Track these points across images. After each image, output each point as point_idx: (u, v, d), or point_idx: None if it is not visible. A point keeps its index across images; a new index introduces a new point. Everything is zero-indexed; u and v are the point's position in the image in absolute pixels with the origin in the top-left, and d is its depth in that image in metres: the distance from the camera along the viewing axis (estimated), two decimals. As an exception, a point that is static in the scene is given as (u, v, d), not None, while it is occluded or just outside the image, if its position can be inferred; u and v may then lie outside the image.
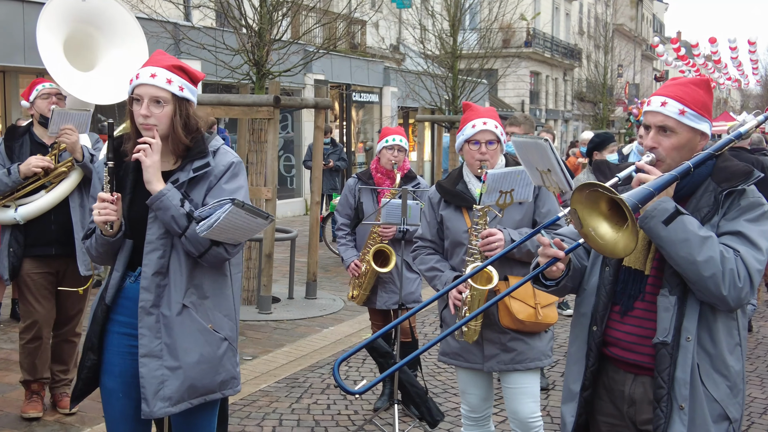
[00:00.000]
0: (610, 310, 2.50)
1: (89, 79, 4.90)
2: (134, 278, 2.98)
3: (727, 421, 2.26)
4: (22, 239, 4.92)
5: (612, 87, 36.92)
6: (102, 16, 4.99)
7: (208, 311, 3.01)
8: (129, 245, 2.94)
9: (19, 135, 4.89)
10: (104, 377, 3.06)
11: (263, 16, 9.31)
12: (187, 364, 2.94)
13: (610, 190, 2.07)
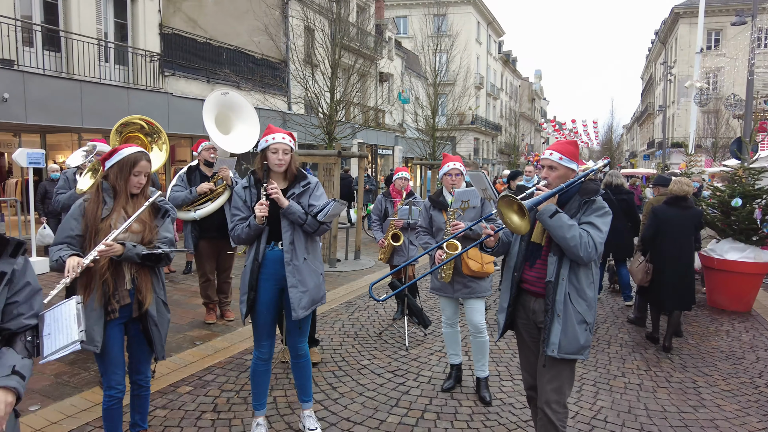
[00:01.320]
0: (524, 264, 2.83)
1: (228, 139, 5.29)
2: (272, 247, 3.25)
3: (585, 324, 2.63)
4: (197, 229, 5.47)
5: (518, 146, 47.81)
6: (234, 105, 5.43)
7: (313, 261, 3.31)
8: (267, 230, 3.23)
9: (193, 170, 5.30)
10: (258, 304, 3.27)
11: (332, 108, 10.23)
12: (309, 289, 3.25)
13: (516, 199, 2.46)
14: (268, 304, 3.24)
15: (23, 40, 11.64)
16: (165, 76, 14.59)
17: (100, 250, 2.57)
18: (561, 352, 2.60)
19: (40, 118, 10.68)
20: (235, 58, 17.03)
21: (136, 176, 2.86)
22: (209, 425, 3.58)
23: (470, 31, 41.12)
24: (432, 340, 5.42)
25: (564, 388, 2.71)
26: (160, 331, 2.94)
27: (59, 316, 2.13)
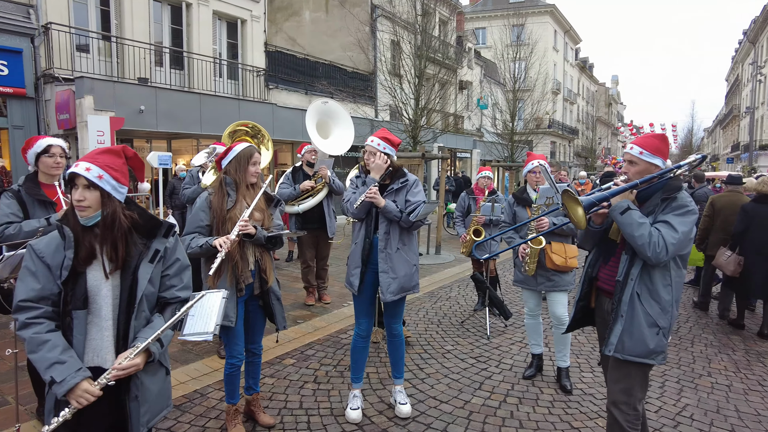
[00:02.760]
0: (598, 261, 2.64)
1: (327, 143, 5.37)
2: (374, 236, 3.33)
3: (656, 327, 2.35)
4: (300, 221, 5.58)
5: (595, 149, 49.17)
6: (332, 112, 5.55)
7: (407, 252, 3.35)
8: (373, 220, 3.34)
9: (297, 170, 5.53)
10: (361, 285, 3.34)
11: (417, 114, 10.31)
12: (399, 277, 3.28)
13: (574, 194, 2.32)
14: (369, 285, 3.34)
15: (155, 61, 12.75)
16: (269, 89, 15.35)
17: (241, 225, 2.78)
18: (624, 353, 2.37)
19: (167, 126, 11.63)
20: (329, 72, 17.57)
21: (253, 166, 3.05)
22: (311, 394, 3.76)
23: (548, 39, 39.62)
24: (512, 331, 5.31)
25: (634, 390, 2.43)
26: (281, 304, 3.14)
27: (205, 302, 2.32)
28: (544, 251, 3.87)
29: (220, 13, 14.35)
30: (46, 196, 3.09)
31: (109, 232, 1.85)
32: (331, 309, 5.88)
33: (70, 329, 1.81)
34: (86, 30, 11.57)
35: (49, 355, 1.72)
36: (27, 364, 3.29)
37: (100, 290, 1.86)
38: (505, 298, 6.50)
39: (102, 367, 1.85)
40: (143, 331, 1.91)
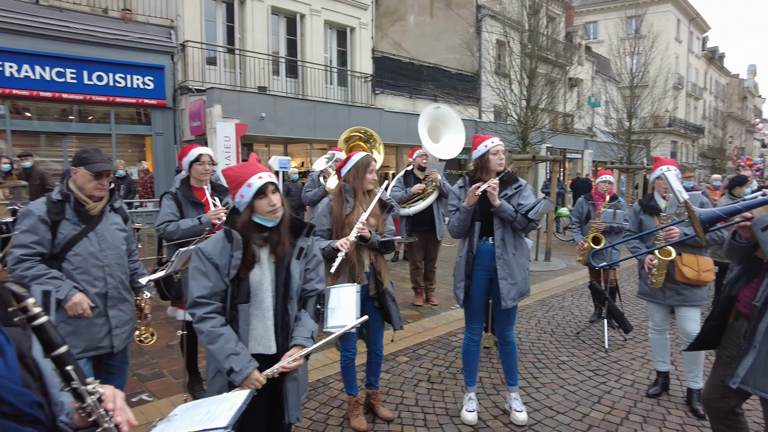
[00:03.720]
0: (740, 279, 2.38)
1: (438, 147, 5.45)
2: (483, 242, 3.32)
3: None
4: (410, 223, 5.68)
5: (725, 149, 42.71)
6: (444, 117, 5.60)
7: (520, 257, 3.34)
8: (479, 225, 3.30)
9: (408, 174, 5.86)
10: (472, 291, 3.37)
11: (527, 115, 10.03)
12: (518, 282, 3.29)
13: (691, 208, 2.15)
14: (480, 292, 3.37)
15: (272, 70, 13.77)
16: (376, 94, 15.86)
17: (359, 228, 3.00)
18: (757, 388, 2.11)
19: (285, 132, 12.50)
20: (433, 74, 17.72)
21: (370, 174, 3.24)
22: (425, 392, 3.88)
23: (669, 30, 36.38)
24: (633, 345, 5.02)
25: None
26: (396, 305, 3.30)
27: (342, 296, 2.54)
28: (673, 263, 3.62)
29: (331, 22, 15.11)
30: (197, 198, 3.55)
31: (285, 230, 2.13)
32: (439, 311, 5.97)
33: (236, 321, 2.07)
34: (214, 45, 12.84)
35: (226, 346, 1.98)
36: (179, 344, 3.77)
37: (261, 285, 2.11)
38: (625, 310, 6.09)
39: (264, 354, 2.12)
40: (297, 329, 2.16)
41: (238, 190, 2.06)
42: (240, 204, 2.08)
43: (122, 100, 11.29)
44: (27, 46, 10.08)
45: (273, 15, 13.79)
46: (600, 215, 5.31)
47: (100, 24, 10.92)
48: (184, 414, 1.11)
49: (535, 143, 11.65)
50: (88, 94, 10.85)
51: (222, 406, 1.10)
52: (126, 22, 11.28)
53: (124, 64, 11.21)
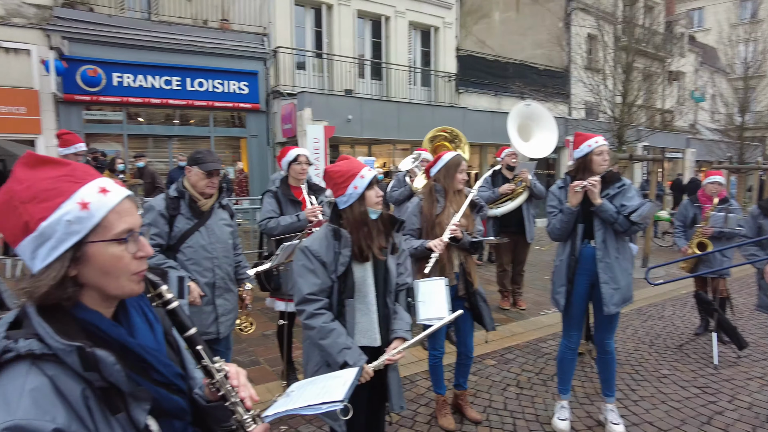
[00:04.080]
0: None
1: (528, 146, 5.31)
2: (585, 245, 3.18)
3: None
4: (498, 224, 5.76)
5: None
6: (535, 115, 5.43)
7: (623, 261, 3.15)
8: (581, 228, 3.16)
9: (496, 174, 6.11)
10: (572, 295, 3.24)
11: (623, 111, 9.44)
12: (621, 287, 3.12)
13: None
14: (581, 297, 3.24)
15: (358, 73, 14.11)
16: (459, 93, 15.72)
17: (452, 229, 3.01)
18: None
19: (370, 133, 12.76)
20: (520, 71, 17.24)
21: (460, 174, 3.22)
22: (514, 397, 3.80)
23: (793, 12, 32.60)
24: (749, 364, 4.56)
25: None
26: (487, 305, 3.26)
27: (432, 289, 2.58)
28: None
29: (416, 23, 15.19)
30: (295, 196, 3.74)
31: (387, 225, 2.22)
32: (527, 315, 5.81)
33: (343, 316, 2.15)
34: (304, 50, 13.39)
35: (338, 341, 2.05)
36: (276, 334, 4.00)
37: (365, 280, 2.20)
38: (737, 324, 5.53)
39: (370, 346, 2.19)
40: (396, 322, 2.24)
41: (351, 182, 2.10)
42: (352, 195, 2.11)
43: (220, 104, 12.12)
44: (140, 58, 11.13)
45: (359, 18, 14.12)
46: (708, 219, 4.90)
47: (201, 34, 11.79)
48: (301, 390, 1.19)
49: (632, 142, 10.96)
50: (191, 99, 11.77)
51: (335, 382, 1.16)
52: (224, 31, 12.08)
53: (222, 71, 12.02)
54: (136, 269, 0.97)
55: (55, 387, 0.85)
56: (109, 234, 0.93)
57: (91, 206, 0.91)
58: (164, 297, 1.03)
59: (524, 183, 5.50)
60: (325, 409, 1.04)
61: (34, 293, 0.88)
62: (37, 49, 10.34)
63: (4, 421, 0.78)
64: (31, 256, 0.90)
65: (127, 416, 0.92)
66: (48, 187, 0.90)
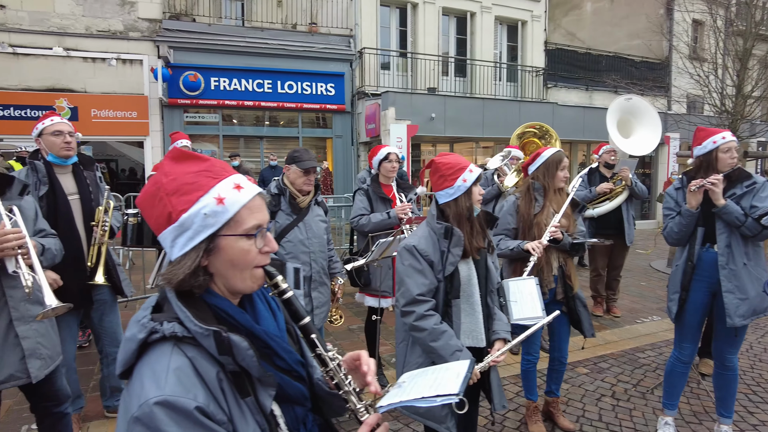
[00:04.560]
0: None
1: (629, 142, 5.00)
2: (706, 249, 2.95)
3: None
4: (594, 226, 5.66)
5: None
6: (636, 110, 5.10)
7: (755, 268, 2.87)
8: (702, 231, 2.91)
9: (593, 172, 5.76)
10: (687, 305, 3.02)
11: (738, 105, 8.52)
12: (750, 297, 2.85)
13: None
14: (697, 307, 3.01)
15: (442, 71, 14.04)
16: (548, 88, 15.16)
17: (552, 230, 2.90)
18: None
19: (453, 131, 12.66)
20: (614, 64, 16.28)
21: (561, 171, 3.08)
22: (610, 408, 3.60)
23: None
24: None
25: None
26: (587, 311, 3.12)
27: (523, 288, 2.52)
28: None
29: (502, 17, 14.84)
30: (385, 194, 3.81)
31: (484, 223, 2.19)
32: (621, 323, 5.47)
33: (449, 316, 2.10)
34: (388, 50, 13.56)
35: (450, 343, 2.01)
36: (365, 328, 4.07)
37: (470, 279, 2.17)
38: None
39: (475, 347, 2.16)
40: (497, 323, 2.21)
41: (461, 174, 2.07)
42: (460, 188, 2.08)
43: (308, 106, 12.60)
44: (235, 62, 11.87)
45: (443, 16, 14.05)
46: None
47: (291, 38, 12.32)
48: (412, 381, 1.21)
49: (746, 137, 9.93)
50: (281, 101, 12.35)
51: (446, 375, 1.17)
52: (312, 34, 12.54)
53: (310, 73, 12.49)
54: (260, 263, 1.03)
55: (194, 368, 0.91)
56: (240, 229, 0.99)
57: (226, 201, 0.97)
58: (280, 287, 1.07)
59: (624, 182, 5.20)
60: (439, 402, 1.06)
61: (173, 279, 0.96)
62: (147, 59, 11.37)
63: (155, 396, 0.85)
64: (171, 244, 0.98)
65: (255, 400, 0.98)
66: (189, 181, 0.98)
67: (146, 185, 1.03)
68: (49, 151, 3.00)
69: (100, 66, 11.11)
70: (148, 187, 1.01)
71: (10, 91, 10.45)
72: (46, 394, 2.43)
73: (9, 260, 2.11)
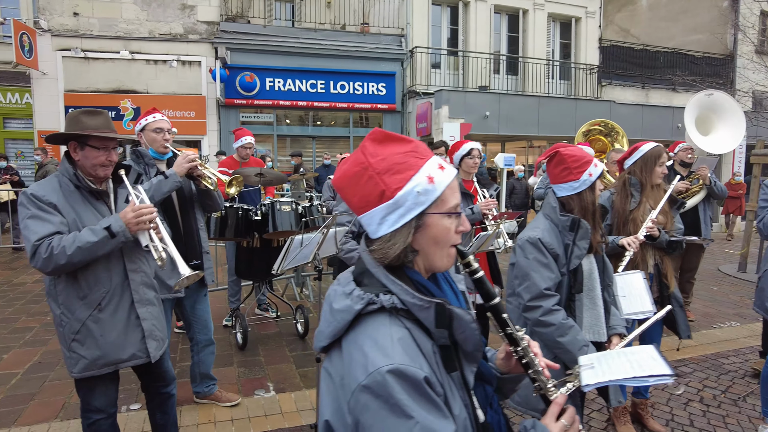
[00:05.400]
0: None
1: (708, 140, 4.76)
2: None
3: None
4: None
5: None
6: (717, 106, 4.87)
7: None
8: None
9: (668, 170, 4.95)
10: None
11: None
12: None
13: None
14: None
15: (493, 69, 13.91)
16: (602, 86, 14.77)
17: (648, 227, 2.84)
18: None
19: (507, 130, 12.52)
20: (672, 60, 15.71)
21: (660, 167, 3.00)
22: (700, 414, 3.48)
23: None
24: None
25: None
26: (683, 311, 3.03)
27: (630, 283, 2.48)
28: None
29: (555, 14, 14.56)
30: (466, 189, 3.81)
31: (603, 217, 2.17)
32: (697, 327, 5.27)
33: (571, 311, 2.08)
34: (440, 49, 13.54)
35: (578, 338, 1.98)
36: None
37: (591, 273, 2.15)
38: None
39: (597, 341, 2.13)
40: (612, 318, 2.18)
41: (587, 168, 2.04)
42: (586, 182, 2.05)
43: (359, 106, 12.74)
44: (288, 63, 12.12)
45: (495, 14, 13.92)
46: None
47: (343, 38, 12.49)
48: (604, 363, 1.21)
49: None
50: (333, 101, 12.53)
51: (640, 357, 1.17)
52: (364, 34, 12.67)
53: (362, 73, 12.62)
54: (456, 242, 1.06)
55: (413, 339, 0.94)
56: (444, 207, 1.02)
57: (436, 180, 1.00)
58: (472, 266, 1.08)
59: (702, 180, 5.00)
60: (652, 381, 1.06)
61: (387, 255, 1.00)
62: (205, 60, 11.78)
63: (386, 364, 0.86)
64: (379, 221, 1.01)
65: (460, 375, 1.00)
66: (400, 161, 1.00)
67: (345, 166, 1.06)
68: (150, 146, 3.16)
69: (161, 68, 11.58)
70: (348, 168, 1.04)
71: (81, 93, 11.04)
72: (157, 375, 2.56)
73: (143, 234, 2.22)
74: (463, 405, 0.98)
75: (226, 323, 5.07)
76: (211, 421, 3.31)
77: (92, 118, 2.22)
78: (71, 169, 2.20)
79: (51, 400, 3.53)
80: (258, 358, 4.34)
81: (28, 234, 2.05)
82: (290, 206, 4.28)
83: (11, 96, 13.59)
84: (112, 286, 2.22)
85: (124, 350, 2.26)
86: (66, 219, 2.13)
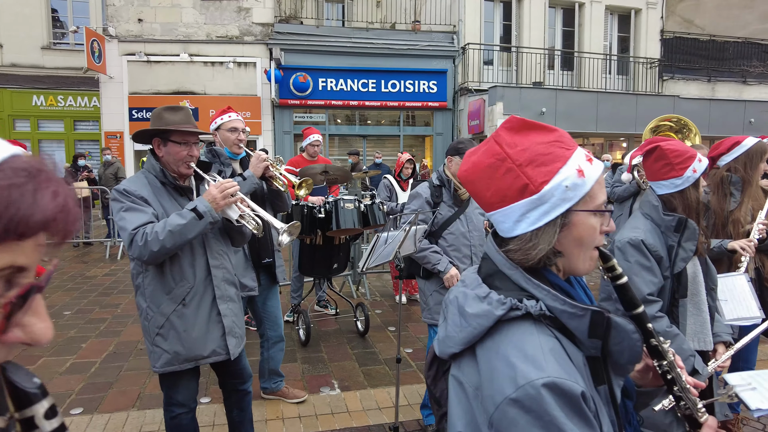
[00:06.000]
0: None
1: None
2: None
3: None
4: None
5: None
6: None
7: None
8: None
9: None
10: None
11: None
12: None
13: None
14: None
15: (547, 64, 13.51)
16: (664, 80, 14.08)
17: (760, 228, 2.63)
18: None
19: (565, 126, 11.75)
20: (743, 51, 14.79)
21: (764, 163, 2.77)
22: None
23: None
24: None
25: None
26: None
27: (733, 285, 2.29)
28: None
29: (613, 7, 13.99)
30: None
31: None
32: None
33: (674, 317, 1.95)
34: (493, 45, 13.28)
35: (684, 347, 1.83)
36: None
37: (695, 277, 1.98)
38: None
39: (702, 350, 1.98)
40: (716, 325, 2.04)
41: (691, 164, 1.90)
42: (689, 179, 1.91)
43: (410, 104, 12.68)
44: (340, 63, 12.21)
45: (550, 8, 13.52)
46: None
47: (394, 37, 12.46)
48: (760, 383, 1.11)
49: None
50: (384, 100, 12.53)
51: None
52: (415, 32, 12.59)
53: (413, 71, 12.55)
54: (599, 243, 0.95)
55: (564, 349, 0.84)
56: (592, 204, 0.90)
57: (586, 174, 0.88)
58: (615, 270, 0.97)
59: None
60: None
61: (530, 257, 0.89)
62: (260, 62, 12.03)
63: (540, 377, 0.77)
64: (517, 218, 0.90)
65: (608, 390, 0.89)
66: (544, 151, 0.89)
67: (475, 157, 0.96)
68: (224, 145, 3.20)
69: (218, 69, 11.92)
70: (480, 159, 0.94)
71: (144, 95, 11.52)
72: (235, 372, 2.58)
73: (231, 209, 2.24)
74: (610, 423, 0.88)
75: (287, 318, 5.12)
76: (279, 417, 3.32)
77: (174, 114, 2.25)
78: (157, 165, 2.25)
79: (128, 389, 3.65)
80: (321, 354, 4.34)
81: (125, 224, 2.10)
82: (353, 204, 4.27)
83: (81, 99, 14.37)
84: (196, 282, 2.25)
85: (205, 346, 2.28)
86: (156, 211, 2.19)
